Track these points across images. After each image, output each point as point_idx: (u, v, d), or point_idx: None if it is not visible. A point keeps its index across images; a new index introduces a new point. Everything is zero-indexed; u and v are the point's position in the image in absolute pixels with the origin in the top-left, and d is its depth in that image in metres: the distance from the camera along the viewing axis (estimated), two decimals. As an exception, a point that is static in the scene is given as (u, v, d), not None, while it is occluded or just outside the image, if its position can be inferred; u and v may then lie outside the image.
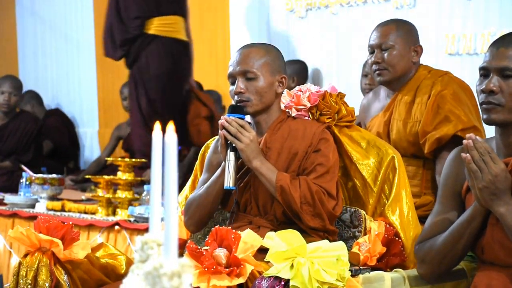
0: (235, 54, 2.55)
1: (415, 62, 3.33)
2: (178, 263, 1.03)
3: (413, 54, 3.30)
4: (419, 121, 3.23)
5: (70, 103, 7.04)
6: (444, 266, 2.15)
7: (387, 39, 3.28)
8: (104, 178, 4.51)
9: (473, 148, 1.98)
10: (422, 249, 2.18)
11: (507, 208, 1.98)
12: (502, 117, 2.04)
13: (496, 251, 2.06)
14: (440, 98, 3.20)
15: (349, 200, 2.66)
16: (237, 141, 2.43)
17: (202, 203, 2.53)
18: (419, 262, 2.22)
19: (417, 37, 3.36)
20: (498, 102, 2.03)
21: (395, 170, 2.60)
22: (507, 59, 2.03)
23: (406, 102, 3.29)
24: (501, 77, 2.04)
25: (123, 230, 4.27)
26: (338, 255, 2.14)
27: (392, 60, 3.27)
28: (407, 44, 3.30)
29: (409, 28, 3.35)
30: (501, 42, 2.07)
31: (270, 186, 2.44)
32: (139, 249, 1.10)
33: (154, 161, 1.07)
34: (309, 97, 2.63)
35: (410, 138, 3.26)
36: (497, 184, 1.97)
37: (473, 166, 1.98)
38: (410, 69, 3.31)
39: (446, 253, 2.11)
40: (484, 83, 2.06)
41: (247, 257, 2.21)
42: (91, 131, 6.93)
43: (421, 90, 3.26)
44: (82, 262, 2.36)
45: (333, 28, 5.17)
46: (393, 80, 3.31)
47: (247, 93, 2.50)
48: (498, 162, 1.98)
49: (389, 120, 3.33)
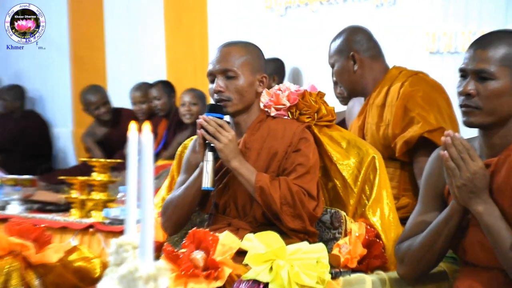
0: (215, 52, 2.55)
1: (357, 70, 3.28)
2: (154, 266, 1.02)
3: (351, 64, 3.27)
4: (389, 124, 3.21)
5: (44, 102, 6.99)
6: (423, 266, 2.16)
7: (329, 57, 3.30)
8: (78, 179, 4.48)
9: (451, 145, 1.99)
10: (401, 250, 2.19)
11: (485, 207, 1.99)
12: (481, 120, 2.04)
13: (477, 253, 2.07)
14: (409, 99, 3.16)
15: (329, 201, 2.66)
16: (215, 141, 2.42)
17: (180, 205, 2.52)
18: (398, 263, 2.23)
19: (352, 44, 3.30)
20: (476, 105, 2.04)
21: (375, 170, 2.61)
22: (484, 62, 2.03)
23: (378, 105, 3.27)
24: (478, 80, 2.04)
25: (98, 232, 4.24)
26: (318, 257, 2.14)
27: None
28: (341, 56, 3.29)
29: (341, 38, 3.31)
30: (478, 43, 2.08)
31: (249, 186, 2.43)
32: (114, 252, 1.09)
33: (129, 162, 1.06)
34: (289, 96, 2.62)
35: (383, 141, 3.24)
36: (475, 182, 1.98)
37: (451, 163, 1.99)
38: (359, 78, 3.28)
39: (424, 253, 2.12)
40: (462, 85, 2.06)
41: (225, 259, 2.20)
42: (65, 131, 6.89)
43: (391, 93, 3.24)
44: (55, 266, 2.34)
45: (312, 26, 5.18)
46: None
47: (227, 92, 2.49)
48: (477, 159, 1.99)
49: (363, 124, 3.33)
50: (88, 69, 6.62)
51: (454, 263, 2.34)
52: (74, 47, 6.65)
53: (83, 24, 6.65)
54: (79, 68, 6.71)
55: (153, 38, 6.20)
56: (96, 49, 6.56)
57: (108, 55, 6.53)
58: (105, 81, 6.52)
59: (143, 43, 6.29)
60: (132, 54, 6.36)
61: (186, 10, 6.05)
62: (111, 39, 6.50)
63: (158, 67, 6.16)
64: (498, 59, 2.02)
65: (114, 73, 6.44)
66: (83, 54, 6.65)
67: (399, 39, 4.65)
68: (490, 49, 2.03)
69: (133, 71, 6.28)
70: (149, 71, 6.16)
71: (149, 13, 6.22)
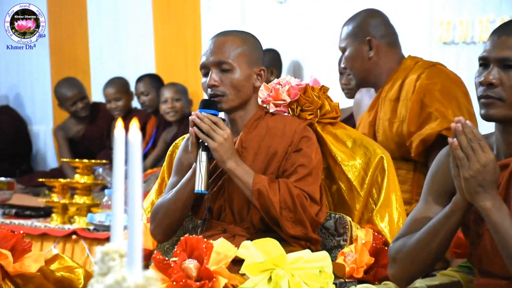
0: (208, 43, 2.56)
1: (372, 57, 3.30)
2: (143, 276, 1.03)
3: (366, 49, 3.30)
4: (404, 120, 3.22)
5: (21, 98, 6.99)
6: (416, 267, 2.10)
7: (340, 41, 3.30)
8: (59, 182, 4.49)
9: (461, 133, 1.97)
10: (394, 247, 2.14)
11: (493, 203, 1.97)
12: (502, 113, 2.04)
13: (494, 260, 2.07)
14: (426, 93, 3.17)
15: (333, 205, 2.68)
16: (209, 140, 2.43)
17: (171, 209, 2.53)
18: (390, 262, 2.16)
19: (369, 29, 3.31)
20: (498, 96, 2.04)
21: (384, 171, 2.62)
22: (509, 49, 2.03)
23: (391, 99, 3.28)
24: (501, 69, 2.04)
25: (81, 239, 4.25)
26: (321, 267, 2.15)
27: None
28: (354, 41, 3.30)
29: (356, 22, 3.32)
30: (502, 30, 2.08)
31: (246, 189, 2.44)
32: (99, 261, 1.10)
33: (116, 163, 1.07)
34: (289, 91, 2.63)
35: (397, 139, 3.25)
36: (485, 174, 1.96)
37: (460, 153, 1.96)
38: (373, 66, 3.31)
39: (418, 251, 2.07)
40: (483, 74, 2.06)
41: (220, 269, 2.22)
42: (45, 129, 6.89)
43: (405, 86, 3.24)
44: (34, 276, 2.35)
45: (315, 14, 5.19)
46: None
47: (221, 87, 2.50)
48: (488, 151, 1.97)
49: (374, 120, 3.34)
50: (70, 61, 6.62)
51: (469, 273, 2.35)
52: (53, 37, 6.64)
53: (64, 12, 6.65)
54: (59, 61, 6.71)
55: (140, 27, 6.20)
56: (78, 40, 6.56)
57: (92, 47, 6.53)
58: (89, 75, 6.52)
59: (130, 33, 6.28)
60: (118, 45, 6.36)
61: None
62: (95, 29, 6.50)
63: (146, 59, 6.16)
64: None
65: (98, 66, 6.44)
66: (64, 45, 6.65)
67: (411, 28, 4.65)
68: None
69: (119, 64, 6.28)
70: (137, 64, 6.17)
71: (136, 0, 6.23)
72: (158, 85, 5.65)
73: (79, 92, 5.86)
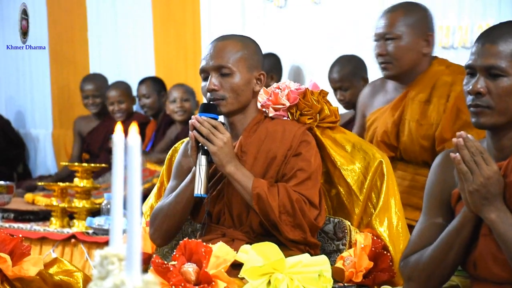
0: (208, 47, 2.56)
1: (426, 53, 3.27)
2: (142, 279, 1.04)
3: (423, 44, 3.26)
4: (436, 124, 3.18)
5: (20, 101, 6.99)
6: (434, 282, 2.14)
7: (392, 28, 3.23)
8: (58, 185, 4.49)
9: (463, 147, 1.99)
10: (408, 265, 2.16)
11: (498, 215, 1.99)
12: (492, 121, 2.05)
13: (490, 266, 2.07)
14: (462, 100, 3.14)
15: (332, 209, 2.68)
16: (209, 144, 2.43)
17: (170, 213, 2.53)
18: (405, 281, 2.20)
19: (429, 24, 3.28)
20: (487, 105, 2.04)
21: (383, 176, 2.62)
22: (494, 57, 2.02)
23: (421, 101, 3.24)
24: (488, 77, 2.04)
25: (80, 243, 4.25)
26: (320, 271, 2.16)
27: (398, 52, 3.24)
28: (416, 33, 3.24)
29: (419, 13, 3.28)
30: (486, 37, 2.07)
31: (246, 194, 2.45)
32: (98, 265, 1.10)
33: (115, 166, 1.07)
34: (288, 95, 2.64)
35: (424, 143, 3.22)
36: (489, 187, 1.98)
37: (463, 167, 1.99)
38: (420, 62, 3.26)
39: (434, 268, 2.11)
40: (471, 83, 2.06)
41: (219, 273, 2.22)
42: (44, 133, 6.89)
43: (438, 89, 3.22)
44: (33, 279, 2.35)
45: (315, 19, 5.19)
46: (400, 75, 3.27)
47: (221, 91, 2.50)
48: (491, 163, 1.99)
49: (399, 120, 3.29)
50: (69, 65, 6.62)
51: (467, 276, 2.35)
52: (53, 41, 6.64)
53: (63, 16, 6.65)
54: (59, 64, 6.71)
55: (140, 31, 6.20)
56: (78, 43, 6.57)
57: (91, 50, 6.53)
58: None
59: (130, 36, 6.29)
60: (117, 49, 6.37)
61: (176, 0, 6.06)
62: (95, 33, 6.50)
63: (145, 63, 6.16)
64: (510, 54, 2.02)
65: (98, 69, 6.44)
66: (63, 46, 6.65)
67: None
68: (500, 43, 2.03)
69: (119, 68, 6.28)
70: (136, 68, 6.17)
71: (136, 2, 6.23)
72: (160, 89, 5.65)
73: (95, 89, 5.88)
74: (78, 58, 6.55)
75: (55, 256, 3.71)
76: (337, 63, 4.59)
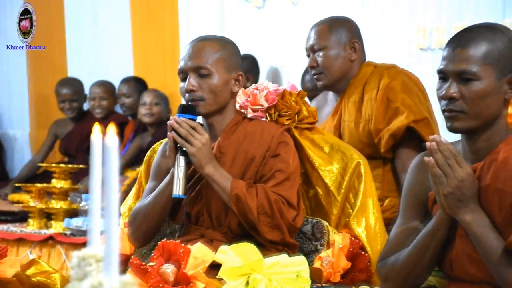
0: (187, 48, 2.56)
1: (354, 60, 3.38)
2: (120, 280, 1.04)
3: (350, 52, 3.37)
4: (370, 119, 3.30)
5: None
6: (410, 283, 2.17)
7: (318, 40, 3.36)
8: (36, 186, 4.47)
9: (437, 151, 2.00)
10: (385, 266, 2.18)
11: (474, 217, 2.02)
12: (467, 125, 2.06)
13: (465, 266, 2.09)
14: (389, 90, 3.28)
15: (310, 210, 2.69)
16: (188, 145, 2.43)
17: (149, 214, 2.53)
18: (382, 281, 2.22)
19: (353, 33, 3.40)
20: (460, 109, 2.05)
21: (360, 177, 2.64)
22: (465, 61, 2.03)
23: (355, 101, 3.36)
24: (460, 82, 2.04)
25: (58, 244, 4.23)
26: (298, 271, 2.16)
27: (327, 62, 3.35)
28: (341, 42, 3.36)
29: (342, 24, 3.41)
30: (457, 41, 2.07)
31: (224, 194, 2.45)
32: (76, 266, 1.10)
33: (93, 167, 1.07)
34: (267, 96, 2.64)
35: (364, 139, 3.32)
36: (463, 189, 2.00)
37: (437, 170, 2.01)
38: (350, 68, 3.38)
39: (411, 269, 2.13)
40: (443, 88, 2.07)
41: (197, 273, 2.22)
42: (22, 133, 6.85)
43: (368, 86, 3.34)
44: (10, 281, 2.34)
45: (293, 20, 5.21)
46: (333, 83, 3.38)
47: (199, 91, 2.50)
48: (465, 166, 2.01)
49: (339, 123, 3.40)
50: (47, 65, 6.58)
51: (444, 276, 2.37)
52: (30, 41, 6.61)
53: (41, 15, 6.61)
54: (37, 64, 6.67)
55: (118, 30, 6.18)
56: (56, 43, 6.53)
57: (69, 49, 6.50)
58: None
59: (108, 36, 6.26)
60: (95, 48, 6.34)
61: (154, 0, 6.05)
62: (72, 32, 6.47)
63: (124, 64, 6.14)
64: (481, 58, 2.03)
65: (76, 69, 6.41)
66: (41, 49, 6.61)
67: (388, 34, 4.69)
68: (471, 47, 2.03)
69: (97, 68, 6.26)
70: (115, 68, 6.15)
71: (114, 2, 6.21)
72: (141, 89, 5.65)
73: (72, 93, 5.86)
74: (56, 58, 6.52)
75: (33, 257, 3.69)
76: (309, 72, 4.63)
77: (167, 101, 5.45)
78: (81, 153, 5.76)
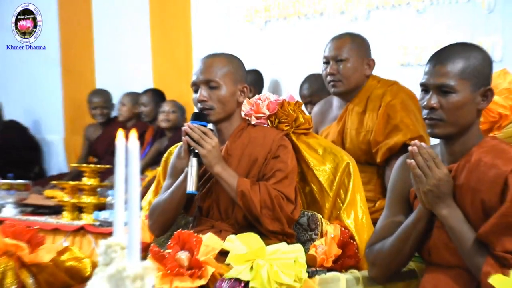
0: (198, 63, 2.56)
1: (367, 76, 3.38)
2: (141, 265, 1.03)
3: (366, 67, 3.36)
4: (371, 130, 3.28)
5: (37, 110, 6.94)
6: (394, 267, 2.20)
7: (342, 51, 3.33)
8: (69, 184, 4.48)
9: (418, 154, 2.03)
10: (372, 253, 2.21)
11: (449, 211, 2.03)
12: (445, 131, 2.07)
13: (442, 253, 2.10)
14: (390, 108, 3.27)
15: (306, 204, 2.68)
16: (199, 147, 2.43)
17: (166, 208, 2.52)
18: (370, 265, 2.25)
19: (369, 51, 3.41)
20: (439, 118, 2.06)
21: (350, 175, 2.63)
22: (444, 76, 2.04)
23: (358, 112, 3.34)
24: (440, 94, 2.06)
25: (88, 234, 4.23)
26: (296, 257, 2.16)
27: (347, 72, 3.32)
28: (361, 57, 3.35)
29: (362, 42, 3.40)
30: (437, 58, 2.08)
31: (231, 191, 2.44)
32: (103, 253, 1.10)
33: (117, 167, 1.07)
34: (268, 105, 2.64)
35: (363, 147, 3.31)
36: (441, 187, 2.02)
37: (418, 171, 2.03)
38: (362, 82, 3.37)
39: (394, 255, 2.15)
40: (425, 99, 2.09)
41: (208, 259, 2.21)
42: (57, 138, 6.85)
43: (371, 100, 3.32)
44: (47, 265, 2.34)
45: (291, 39, 5.21)
46: (346, 92, 3.36)
47: (210, 102, 2.50)
48: (442, 167, 2.03)
49: (342, 129, 3.38)
50: (78, 77, 6.59)
51: (423, 262, 2.36)
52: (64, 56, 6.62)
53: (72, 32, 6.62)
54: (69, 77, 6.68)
55: (139, 48, 6.19)
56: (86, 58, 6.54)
57: (97, 64, 6.52)
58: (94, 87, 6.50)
59: (131, 53, 6.27)
60: (120, 63, 6.35)
61: (171, 22, 6.05)
62: (100, 49, 6.48)
63: (144, 77, 6.15)
64: (457, 73, 2.04)
65: (103, 81, 6.42)
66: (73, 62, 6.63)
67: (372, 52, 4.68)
68: (448, 64, 2.05)
69: (121, 80, 6.27)
70: (137, 80, 6.15)
71: (136, 24, 6.22)
72: (157, 100, 5.66)
73: (103, 101, 5.93)
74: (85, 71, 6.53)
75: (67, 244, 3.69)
76: (306, 81, 4.64)
77: (183, 110, 5.46)
78: (108, 155, 5.77)
